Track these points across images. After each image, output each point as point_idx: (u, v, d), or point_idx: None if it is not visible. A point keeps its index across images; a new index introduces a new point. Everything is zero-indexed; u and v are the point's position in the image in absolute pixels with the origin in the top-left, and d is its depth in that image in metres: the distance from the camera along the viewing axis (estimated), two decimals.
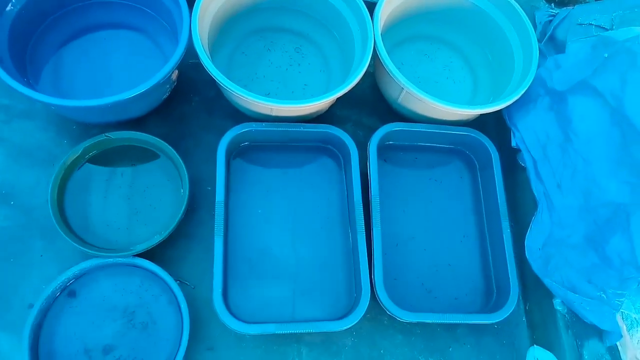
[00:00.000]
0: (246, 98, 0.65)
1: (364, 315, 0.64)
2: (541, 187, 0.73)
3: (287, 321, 0.63)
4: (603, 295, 0.64)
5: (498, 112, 0.78)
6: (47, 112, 0.74)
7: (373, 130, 0.74)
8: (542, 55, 0.77)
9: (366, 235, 0.68)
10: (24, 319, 0.59)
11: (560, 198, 0.70)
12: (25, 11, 0.69)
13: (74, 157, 0.67)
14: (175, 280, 0.64)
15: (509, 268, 0.69)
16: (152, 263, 0.63)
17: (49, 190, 0.64)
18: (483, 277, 0.74)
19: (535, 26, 0.81)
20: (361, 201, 0.69)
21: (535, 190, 0.74)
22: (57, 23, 0.75)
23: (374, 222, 0.68)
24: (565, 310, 0.69)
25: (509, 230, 0.72)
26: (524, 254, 0.72)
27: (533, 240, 0.72)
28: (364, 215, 0.69)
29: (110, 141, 0.69)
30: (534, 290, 0.74)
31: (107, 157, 0.70)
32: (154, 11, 0.77)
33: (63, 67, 0.74)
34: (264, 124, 0.71)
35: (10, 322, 0.63)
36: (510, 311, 0.67)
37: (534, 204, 0.73)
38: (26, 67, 0.71)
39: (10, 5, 0.67)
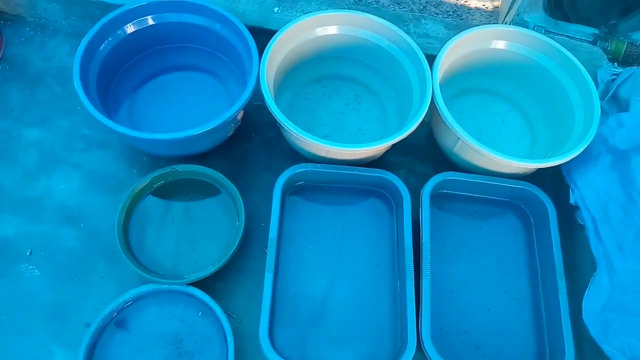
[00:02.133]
0: (305, 139, 0.68)
1: None
2: (601, 247, 0.70)
3: None
4: None
5: (556, 169, 0.77)
6: (122, 143, 0.80)
7: (426, 178, 0.74)
8: (604, 113, 0.76)
9: (415, 284, 0.67)
10: (81, 337, 0.62)
11: (622, 261, 0.67)
12: (115, 51, 0.77)
13: (142, 186, 0.72)
14: (224, 313, 0.65)
15: (564, 330, 0.66)
16: (204, 293, 0.65)
17: (117, 215, 0.68)
18: (536, 338, 0.70)
19: (597, 84, 0.81)
20: (411, 248, 0.69)
21: (594, 250, 0.71)
22: (139, 63, 0.82)
23: (423, 271, 0.68)
24: None
25: (565, 290, 0.69)
26: (581, 317, 0.68)
27: (591, 303, 0.68)
28: (414, 263, 0.68)
29: (176, 173, 0.74)
30: (591, 356, 0.70)
31: (171, 189, 0.75)
32: (225, 56, 0.83)
33: (139, 103, 0.81)
34: (319, 165, 0.74)
35: (67, 340, 0.66)
36: None
37: (592, 265, 0.70)
38: (108, 101, 0.78)
39: (102, 45, 0.75)
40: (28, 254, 0.71)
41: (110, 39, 0.75)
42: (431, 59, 0.76)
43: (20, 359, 0.65)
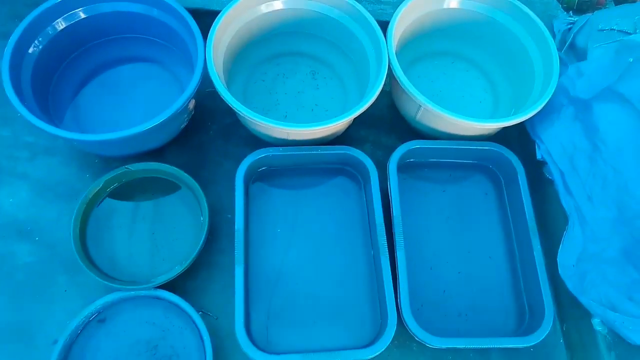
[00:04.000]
0: (263, 124, 0.65)
1: (392, 342, 0.61)
2: (571, 200, 0.70)
3: (312, 350, 0.61)
4: None
5: (521, 126, 0.76)
6: (69, 147, 0.75)
7: (392, 149, 0.73)
8: (563, 63, 0.75)
9: (390, 258, 0.66)
10: (49, 356, 0.59)
11: (592, 211, 0.67)
12: (47, 51, 0.71)
13: (96, 191, 0.68)
14: (198, 312, 0.63)
15: (542, 287, 0.66)
16: (174, 295, 0.63)
17: (72, 225, 0.65)
18: (514, 297, 0.71)
19: (554, 35, 0.79)
20: (383, 222, 0.68)
21: (564, 203, 0.71)
22: (77, 61, 0.77)
23: (397, 244, 0.66)
24: (606, 331, 0.65)
25: (539, 247, 0.69)
26: (557, 271, 0.68)
27: (566, 257, 0.68)
28: (387, 237, 0.67)
29: (130, 173, 0.70)
30: (570, 309, 0.71)
31: (128, 190, 0.71)
32: (169, 43, 0.79)
33: (84, 103, 0.76)
34: (281, 148, 0.71)
35: (35, 359, 0.63)
36: (546, 333, 0.63)
37: (564, 219, 0.70)
38: (49, 105, 0.73)
39: (32, 47, 0.69)
40: None
41: (40, 38, 0.70)
42: (385, 25, 0.73)
43: None
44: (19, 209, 0.71)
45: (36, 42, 0.70)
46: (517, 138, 0.82)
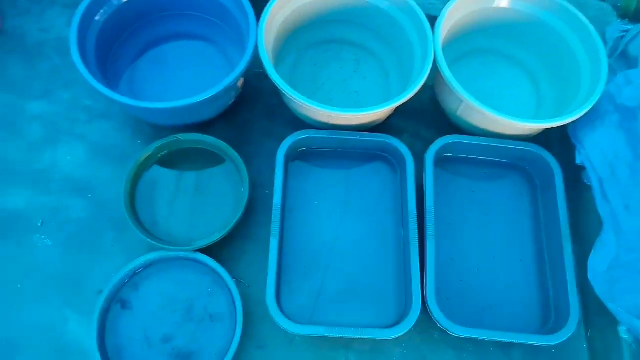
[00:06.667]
0: (306, 105, 0.67)
1: (414, 328, 0.63)
2: (607, 207, 0.70)
3: (336, 324, 0.64)
4: None
5: (562, 129, 0.76)
6: (124, 114, 0.80)
7: (430, 142, 0.74)
8: (612, 71, 0.74)
9: (419, 247, 0.68)
10: (94, 304, 0.64)
11: (629, 219, 0.67)
12: (111, 21, 0.76)
13: (147, 156, 0.72)
14: (232, 278, 0.66)
15: (569, 289, 0.66)
16: (211, 259, 0.66)
17: (123, 186, 0.69)
18: (541, 298, 0.71)
19: (605, 42, 0.79)
20: (415, 212, 0.69)
21: (600, 210, 0.70)
22: (137, 32, 0.81)
23: (427, 234, 0.68)
24: (632, 339, 0.65)
25: (570, 250, 0.69)
26: (586, 278, 0.68)
27: (597, 262, 0.68)
28: (418, 227, 0.69)
29: (179, 142, 0.74)
30: (597, 316, 0.71)
31: (176, 158, 0.75)
32: (223, 22, 0.82)
33: (139, 73, 0.80)
34: (321, 131, 0.73)
35: (81, 306, 0.68)
36: (570, 334, 0.64)
37: (599, 225, 0.70)
38: (107, 72, 0.77)
39: (99, 15, 0.74)
40: (39, 225, 0.72)
41: (105, 8, 0.74)
42: (433, 20, 0.74)
43: (36, 324, 0.67)
44: (76, 167, 0.76)
45: (102, 11, 0.74)
46: (558, 142, 0.81)
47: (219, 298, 0.67)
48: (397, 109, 0.75)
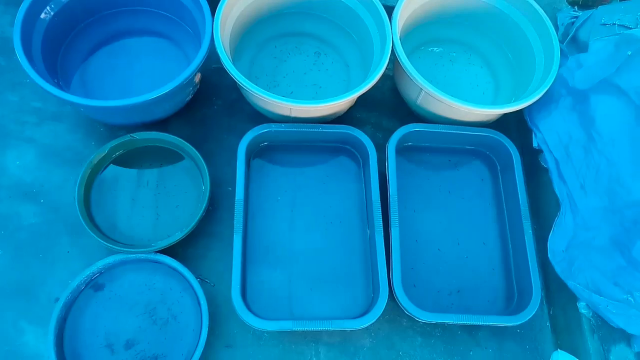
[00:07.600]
0: (266, 99, 0.66)
1: (383, 317, 0.63)
2: (564, 188, 0.72)
3: (304, 318, 0.63)
4: (630, 298, 0.62)
5: (519, 114, 0.78)
6: (76, 114, 0.77)
7: (392, 132, 0.74)
8: (564, 56, 0.76)
9: (384, 236, 0.68)
10: (50, 312, 0.61)
11: (584, 199, 0.69)
12: (58, 18, 0.72)
13: (101, 157, 0.70)
14: (196, 278, 0.65)
15: (530, 270, 0.68)
16: (173, 259, 0.65)
17: (76, 189, 0.66)
18: (504, 280, 0.73)
19: (557, 28, 0.81)
20: (379, 201, 0.70)
21: (557, 191, 0.72)
22: (87, 30, 0.78)
23: (392, 222, 0.68)
24: (591, 314, 0.67)
25: (530, 232, 0.71)
26: (547, 256, 0.70)
27: (556, 242, 0.70)
28: (383, 216, 0.69)
29: (135, 141, 0.71)
30: (557, 293, 0.73)
31: (132, 158, 0.72)
32: (178, 17, 0.80)
33: (91, 71, 0.77)
34: (283, 124, 0.73)
35: (37, 315, 0.65)
36: (533, 313, 0.65)
37: (557, 206, 0.72)
38: (57, 71, 0.74)
39: (44, 12, 0.71)
40: None
41: (52, 5, 0.71)
42: (390, 10, 0.75)
43: None
44: (26, 171, 0.72)
45: (48, 8, 0.71)
46: (516, 126, 0.83)
47: (183, 299, 0.65)
48: (359, 100, 0.75)
